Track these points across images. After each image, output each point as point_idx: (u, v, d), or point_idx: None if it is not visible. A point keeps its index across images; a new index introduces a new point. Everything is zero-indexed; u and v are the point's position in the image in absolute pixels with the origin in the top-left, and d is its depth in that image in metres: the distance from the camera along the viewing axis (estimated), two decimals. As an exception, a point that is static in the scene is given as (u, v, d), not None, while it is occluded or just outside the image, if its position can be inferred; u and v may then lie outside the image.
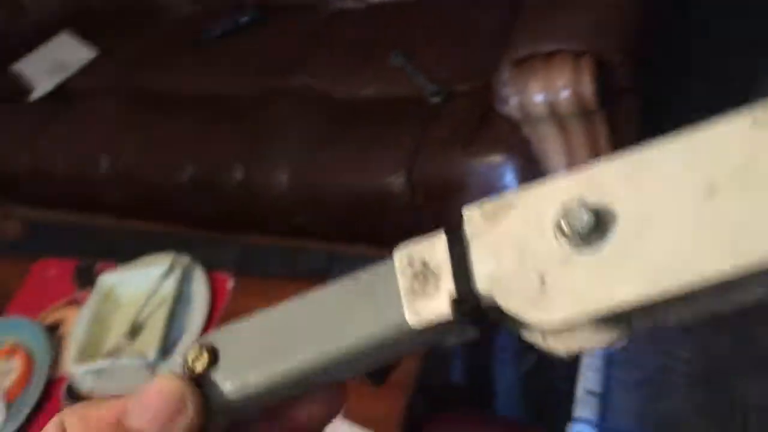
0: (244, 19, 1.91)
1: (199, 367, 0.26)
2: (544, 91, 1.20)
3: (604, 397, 1.41)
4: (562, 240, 0.23)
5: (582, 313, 0.23)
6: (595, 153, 1.29)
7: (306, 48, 1.74)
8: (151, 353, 1.16)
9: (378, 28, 1.71)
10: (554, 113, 1.22)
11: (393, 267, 0.26)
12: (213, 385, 0.26)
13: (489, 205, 0.25)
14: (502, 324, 0.26)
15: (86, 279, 1.37)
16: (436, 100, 1.49)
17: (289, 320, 0.28)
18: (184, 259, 1.29)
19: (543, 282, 0.23)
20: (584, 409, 1.37)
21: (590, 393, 1.38)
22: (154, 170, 1.67)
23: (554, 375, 1.50)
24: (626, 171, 0.23)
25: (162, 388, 0.24)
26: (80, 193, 1.84)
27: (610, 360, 1.46)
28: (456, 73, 1.52)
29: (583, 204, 0.23)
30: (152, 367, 1.11)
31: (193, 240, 1.99)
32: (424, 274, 0.25)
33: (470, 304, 0.25)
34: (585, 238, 0.23)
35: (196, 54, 1.88)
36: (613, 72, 1.21)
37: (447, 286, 0.25)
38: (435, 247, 0.26)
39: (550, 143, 1.29)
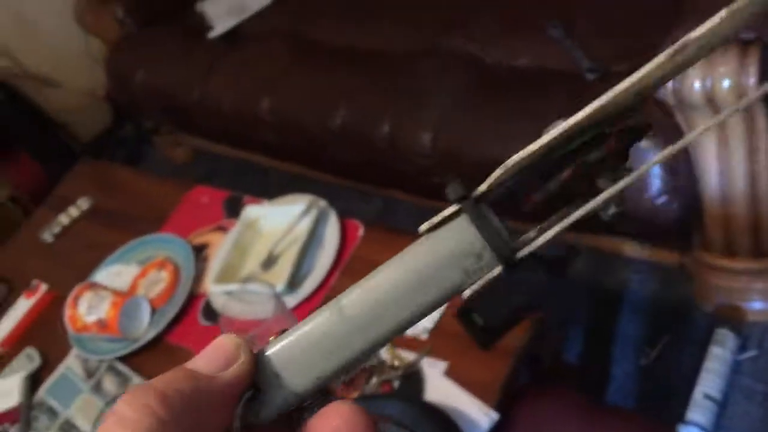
0: (414, -23, 1.94)
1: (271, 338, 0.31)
2: (704, 78, 1.14)
3: (723, 405, 1.35)
4: None
5: None
6: (752, 149, 1.22)
7: (468, 9, 1.75)
8: (280, 284, 1.24)
9: (542, -3, 1.69)
10: (711, 102, 1.16)
11: None
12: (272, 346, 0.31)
13: None
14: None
15: (234, 209, 1.48)
16: (591, 76, 1.46)
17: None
18: (321, 203, 1.36)
19: None
20: (699, 413, 1.32)
21: (708, 397, 1.33)
22: (308, 115, 1.76)
23: (673, 374, 1.45)
24: None
25: (221, 343, 0.30)
26: (241, 129, 1.96)
27: (738, 368, 1.40)
28: (616, 51, 1.47)
29: None
30: (279, 297, 1.19)
31: (339, 189, 2.08)
32: None
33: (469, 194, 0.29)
34: None
35: (362, 7, 1.93)
36: (783, 65, 1.13)
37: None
38: None
39: (703, 133, 1.23)
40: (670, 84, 1.18)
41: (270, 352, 0.30)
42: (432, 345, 1.16)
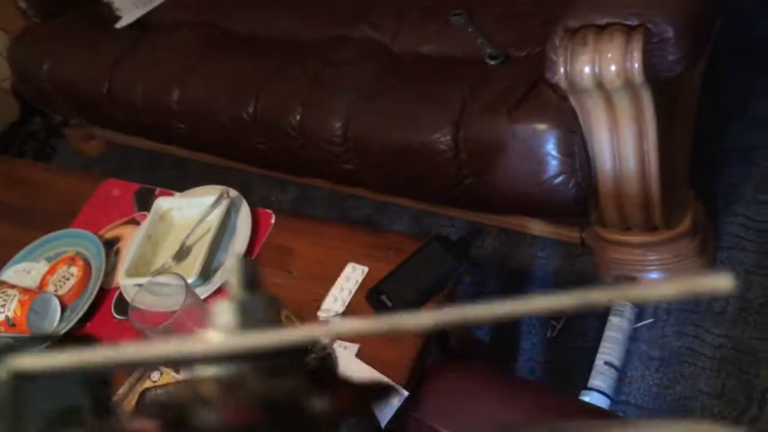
0: (322, -35, 1.95)
1: None
2: (592, 63, 1.20)
3: (622, 371, 1.43)
4: None
5: None
6: (640, 128, 1.29)
7: (374, 0, 1.78)
8: (192, 276, 1.25)
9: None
10: (601, 86, 1.22)
11: None
12: None
13: None
14: None
15: (145, 202, 1.47)
16: (492, 62, 1.51)
17: None
18: (233, 193, 1.37)
19: None
20: (600, 379, 1.40)
21: (609, 365, 1.41)
22: (219, 105, 1.75)
23: (577, 344, 1.52)
24: None
25: None
26: (154, 121, 1.94)
27: (635, 336, 1.48)
28: (515, 38, 1.52)
29: None
30: (190, 288, 1.20)
31: (255, 177, 2.08)
32: None
33: None
34: None
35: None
36: (665, 49, 1.20)
37: None
38: None
39: (595, 116, 1.29)
40: (561, 69, 1.24)
41: None
42: (343, 328, 1.19)
